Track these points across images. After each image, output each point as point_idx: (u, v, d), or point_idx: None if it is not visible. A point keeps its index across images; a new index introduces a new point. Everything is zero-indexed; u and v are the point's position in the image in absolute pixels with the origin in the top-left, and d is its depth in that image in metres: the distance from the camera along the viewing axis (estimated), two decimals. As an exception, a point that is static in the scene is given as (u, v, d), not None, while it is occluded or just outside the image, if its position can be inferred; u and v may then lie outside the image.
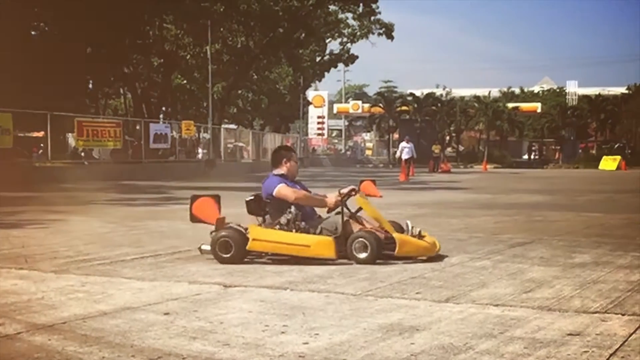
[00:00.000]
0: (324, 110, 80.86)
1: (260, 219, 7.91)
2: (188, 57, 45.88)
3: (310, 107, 74.95)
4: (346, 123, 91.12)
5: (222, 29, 44.10)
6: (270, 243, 7.40)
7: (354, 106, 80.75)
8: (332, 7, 53.82)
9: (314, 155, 68.32)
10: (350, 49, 62.08)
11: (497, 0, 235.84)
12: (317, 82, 71.78)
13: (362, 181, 20.17)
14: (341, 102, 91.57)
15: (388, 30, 57.57)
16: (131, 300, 5.62)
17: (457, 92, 71.61)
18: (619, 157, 54.56)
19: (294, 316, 5.10)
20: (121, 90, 51.82)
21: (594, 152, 67.66)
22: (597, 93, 73.06)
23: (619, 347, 4.31)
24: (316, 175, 39.02)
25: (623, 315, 5.15)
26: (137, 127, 35.82)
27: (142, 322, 4.92)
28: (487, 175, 41.00)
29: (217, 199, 12.11)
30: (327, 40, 61.18)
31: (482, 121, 66.40)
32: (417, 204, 16.97)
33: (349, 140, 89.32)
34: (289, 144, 58.79)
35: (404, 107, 69.49)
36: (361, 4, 52.38)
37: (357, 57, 62.88)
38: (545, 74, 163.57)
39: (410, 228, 7.67)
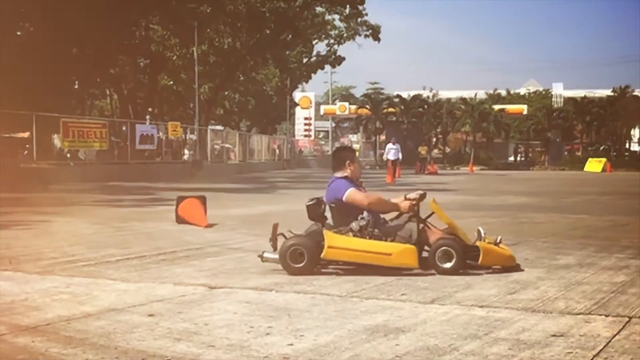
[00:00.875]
0: (311, 112, 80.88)
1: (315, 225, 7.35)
2: (174, 58, 45.73)
3: (297, 109, 74.91)
4: (333, 124, 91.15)
5: (208, 30, 44.01)
6: (348, 251, 6.84)
7: (341, 108, 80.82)
8: (319, 9, 53.84)
9: (301, 157, 68.36)
10: (337, 50, 62.12)
11: (484, 2, 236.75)
12: (304, 83, 71.83)
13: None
14: (328, 104, 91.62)
15: (374, 32, 57.64)
16: (116, 302, 5.61)
17: (444, 94, 71.79)
18: (604, 160, 54.84)
19: (279, 317, 5.10)
20: (107, 91, 51.62)
21: (579, 154, 67.96)
22: (582, 95, 73.40)
23: (603, 348, 4.34)
24: (303, 176, 39.02)
25: (607, 316, 5.18)
26: (124, 128, 35.68)
27: (126, 323, 4.90)
28: (473, 177, 41.12)
29: (202, 200, 12.18)
30: (314, 42, 61.19)
31: (468, 123, 66.56)
32: (404, 205, 16.96)
33: (335, 142, 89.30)
34: (275, 146, 58.79)
35: (391, 109, 69.62)
36: (348, 6, 52.44)
37: (343, 58, 62.93)
38: (531, 76, 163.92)
39: (483, 235, 7.25)
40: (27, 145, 30.03)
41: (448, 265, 6.82)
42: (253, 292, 6.05)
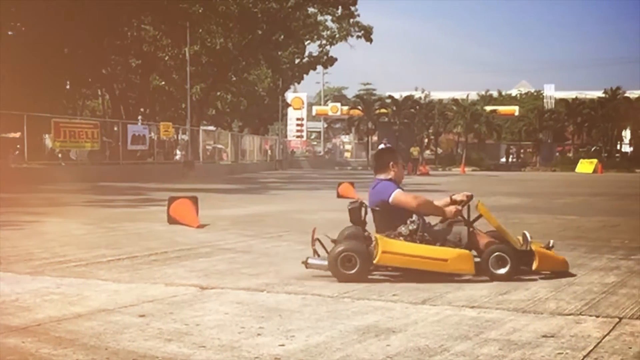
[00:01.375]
0: (303, 112, 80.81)
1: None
2: (166, 58, 45.65)
3: (289, 109, 74.82)
4: (325, 125, 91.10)
5: (200, 31, 43.94)
6: (403, 256, 6.53)
7: (333, 108, 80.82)
8: (311, 10, 53.81)
9: (293, 157, 68.31)
10: (329, 51, 62.09)
11: (476, 3, 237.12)
12: (296, 84, 71.70)
13: (340, 183, 20.36)
14: (320, 104, 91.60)
15: (367, 33, 57.59)
16: (107, 302, 5.59)
17: (436, 95, 71.84)
18: (595, 161, 55.01)
19: (270, 318, 5.10)
20: (99, 91, 51.50)
21: (571, 155, 68.14)
22: (574, 97, 73.57)
23: (593, 348, 4.36)
24: (295, 177, 39.04)
25: (597, 317, 5.20)
26: (115, 129, 35.60)
27: (117, 324, 4.89)
28: (465, 178, 41.19)
29: (194, 200, 12.17)
30: (306, 43, 61.12)
31: (460, 124, 66.64)
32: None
33: (327, 143, 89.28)
34: (267, 146, 58.76)
35: (383, 110, 69.63)
36: (340, 7, 52.42)
37: (336, 59, 62.87)
38: (522, 77, 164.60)
39: (530, 239, 6.88)
40: (18, 146, 29.96)
41: (502, 271, 6.60)
42: (244, 292, 6.05)
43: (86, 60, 36.27)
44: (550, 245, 7.05)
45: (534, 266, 6.70)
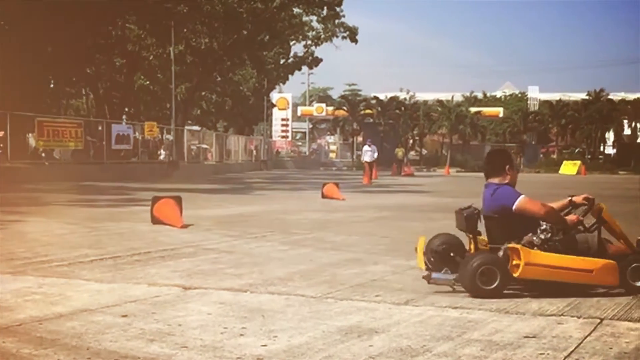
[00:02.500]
0: (288, 113, 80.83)
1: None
2: (151, 57, 45.50)
3: (274, 110, 74.81)
4: (310, 126, 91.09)
5: (185, 30, 43.83)
6: (546, 268, 6.00)
7: (318, 109, 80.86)
8: (296, 10, 53.77)
9: (278, 158, 68.25)
10: (314, 51, 62.09)
11: (461, 5, 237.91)
12: (281, 84, 71.70)
13: (325, 184, 20.36)
14: (305, 105, 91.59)
15: (352, 34, 57.59)
16: (89, 302, 5.57)
17: (421, 96, 72.09)
18: (579, 162, 55.30)
19: (253, 318, 5.09)
20: (83, 91, 51.28)
21: (554, 156, 68.51)
22: (558, 98, 74.06)
23: (574, 349, 4.38)
24: (280, 177, 39.01)
25: (579, 317, 5.23)
26: (99, 128, 35.47)
27: (99, 324, 4.87)
28: (449, 179, 41.30)
29: (178, 200, 12.13)
30: (292, 43, 61.08)
31: (445, 125, 66.92)
32: (380, 206, 17.03)
33: (312, 143, 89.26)
34: (252, 146, 58.67)
35: (368, 111, 69.78)
36: (325, 7, 52.43)
37: (321, 60, 62.82)
38: (507, 79, 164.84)
39: None
40: (1, 145, 29.73)
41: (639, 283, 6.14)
42: (227, 293, 6.04)
43: (70, 59, 36.10)
44: None
45: None
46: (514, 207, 6.34)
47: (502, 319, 5.18)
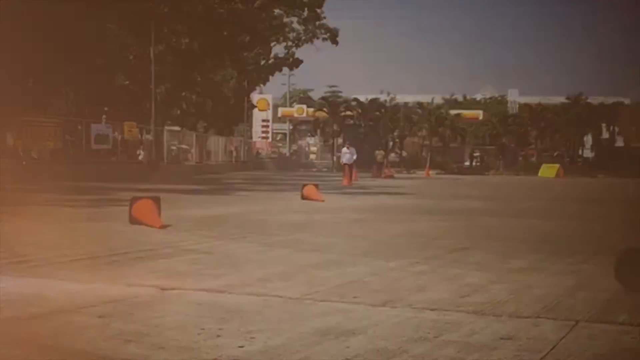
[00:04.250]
0: (269, 114, 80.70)
1: None
2: (131, 57, 45.28)
3: (255, 111, 74.64)
4: (291, 127, 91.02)
5: (165, 30, 43.67)
6: None
7: (299, 110, 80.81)
8: (277, 11, 53.74)
9: (258, 159, 68.15)
10: (295, 53, 62.05)
11: (442, 7, 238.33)
12: (261, 85, 71.56)
13: (305, 185, 20.37)
14: (286, 106, 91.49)
15: (332, 35, 57.63)
16: (66, 303, 5.53)
17: (401, 98, 72.24)
18: (557, 165, 55.66)
19: (230, 319, 5.08)
20: (62, 90, 50.94)
21: (534, 159, 68.87)
22: (537, 102, 74.43)
23: (550, 350, 4.40)
24: (260, 178, 38.97)
25: (555, 319, 5.26)
26: (79, 128, 35.27)
27: (76, 324, 4.85)
28: (429, 181, 41.42)
29: (157, 201, 12.09)
30: (272, 44, 61.04)
31: (425, 127, 67.07)
32: (359, 208, 17.06)
33: (293, 144, 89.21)
34: (232, 147, 58.57)
35: (348, 112, 69.81)
36: (306, 9, 52.48)
37: (301, 61, 62.76)
38: (487, 82, 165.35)
39: None
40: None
41: None
42: (205, 293, 6.03)
43: (49, 57, 35.86)
44: None
45: None
46: None
47: (478, 320, 5.20)
